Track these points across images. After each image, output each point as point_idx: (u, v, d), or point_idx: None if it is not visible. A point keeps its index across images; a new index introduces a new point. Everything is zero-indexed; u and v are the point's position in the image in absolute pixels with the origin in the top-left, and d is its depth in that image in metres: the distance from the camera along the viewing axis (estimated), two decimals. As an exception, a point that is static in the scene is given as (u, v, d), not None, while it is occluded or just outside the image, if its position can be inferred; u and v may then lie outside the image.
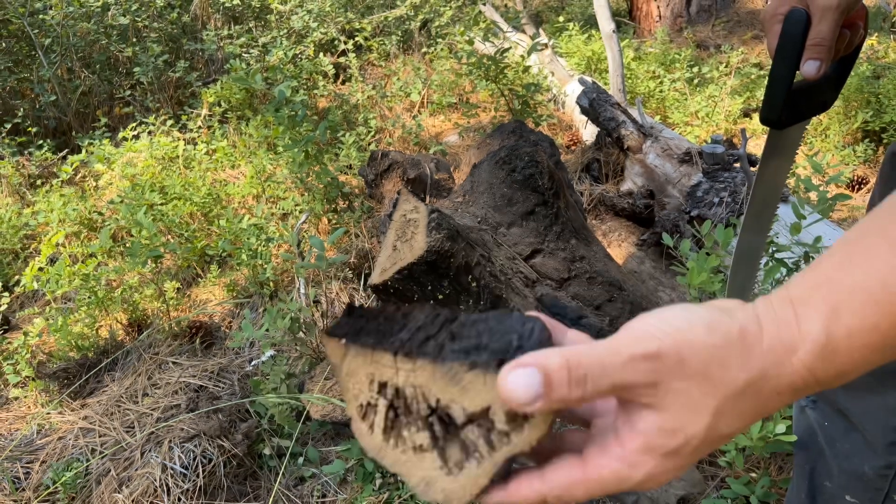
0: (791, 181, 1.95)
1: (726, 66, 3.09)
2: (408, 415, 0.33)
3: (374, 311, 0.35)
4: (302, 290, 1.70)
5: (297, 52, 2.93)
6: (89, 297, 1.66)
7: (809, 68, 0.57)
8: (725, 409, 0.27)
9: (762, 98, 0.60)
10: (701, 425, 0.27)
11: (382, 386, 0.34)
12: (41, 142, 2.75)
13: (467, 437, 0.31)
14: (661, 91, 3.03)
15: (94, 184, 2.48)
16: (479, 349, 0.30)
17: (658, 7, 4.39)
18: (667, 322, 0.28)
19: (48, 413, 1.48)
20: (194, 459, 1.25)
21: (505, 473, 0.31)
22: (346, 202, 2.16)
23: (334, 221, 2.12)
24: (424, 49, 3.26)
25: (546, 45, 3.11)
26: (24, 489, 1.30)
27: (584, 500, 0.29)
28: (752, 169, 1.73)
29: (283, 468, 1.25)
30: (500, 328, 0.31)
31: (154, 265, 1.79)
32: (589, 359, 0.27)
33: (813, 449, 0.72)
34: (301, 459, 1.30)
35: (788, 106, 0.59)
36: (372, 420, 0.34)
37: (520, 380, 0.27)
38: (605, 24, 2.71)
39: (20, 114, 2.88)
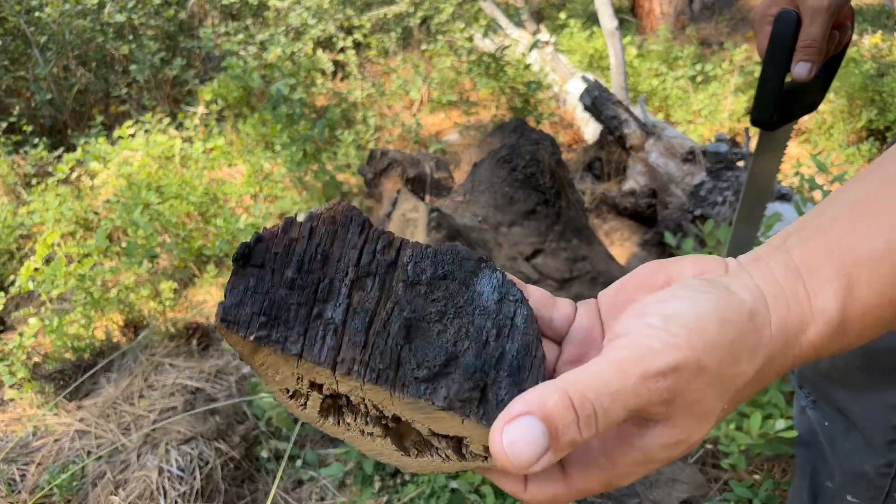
0: (795, 180, 1.93)
1: (730, 64, 3.07)
2: (353, 411, 0.27)
3: (279, 244, 0.25)
4: (300, 291, 1.68)
5: (295, 49, 2.90)
6: (85, 298, 1.64)
7: (801, 70, 0.56)
8: (730, 404, 0.25)
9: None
10: (706, 429, 0.24)
11: (315, 386, 0.26)
12: (36, 140, 2.72)
13: (431, 443, 0.26)
14: (663, 89, 3.00)
15: (90, 183, 2.46)
16: (449, 364, 0.23)
17: (660, 4, 4.37)
18: (675, 322, 0.23)
19: (44, 415, 1.46)
20: (191, 462, 1.24)
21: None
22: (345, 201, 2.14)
23: (333, 221, 2.09)
24: (424, 46, 3.23)
25: (547, 43, 3.08)
26: (19, 491, 1.28)
27: None
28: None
29: (280, 471, 1.24)
30: (466, 298, 0.25)
31: (150, 265, 1.77)
32: (594, 387, 0.22)
33: (814, 449, 0.71)
34: (299, 462, 1.29)
35: (779, 107, 0.59)
36: (303, 402, 0.27)
37: (520, 439, 0.21)
38: (607, 21, 2.69)
39: (15, 112, 2.86)
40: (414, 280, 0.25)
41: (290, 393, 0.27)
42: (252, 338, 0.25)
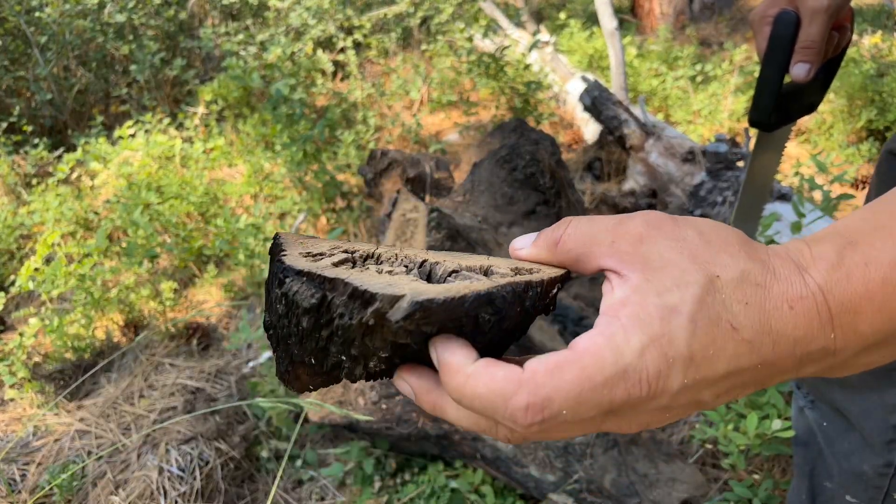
0: (795, 180, 1.93)
1: (729, 64, 3.07)
2: (377, 263, 0.28)
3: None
4: (300, 291, 1.67)
5: (295, 49, 2.90)
6: (85, 298, 1.64)
7: (800, 71, 0.56)
8: (724, 286, 0.23)
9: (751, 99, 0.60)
10: (693, 284, 0.23)
11: (348, 251, 0.29)
12: (37, 140, 2.72)
13: (458, 277, 0.27)
14: (663, 89, 3.00)
15: (90, 183, 2.46)
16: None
17: (660, 4, 4.37)
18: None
19: (44, 415, 1.46)
20: (191, 462, 1.24)
21: (499, 308, 0.24)
22: (345, 201, 2.14)
23: (333, 221, 2.10)
24: (424, 46, 3.23)
25: (547, 43, 3.08)
26: (19, 491, 1.28)
27: (574, 397, 0.22)
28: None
29: (280, 471, 1.24)
30: None
31: (150, 265, 1.78)
32: (580, 218, 0.28)
33: (812, 449, 0.71)
34: (299, 462, 1.29)
35: (777, 108, 0.59)
36: (320, 258, 0.28)
37: (521, 237, 0.30)
38: (607, 21, 2.68)
39: (16, 112, 2.86)
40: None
41: (312, 255, 0.28)
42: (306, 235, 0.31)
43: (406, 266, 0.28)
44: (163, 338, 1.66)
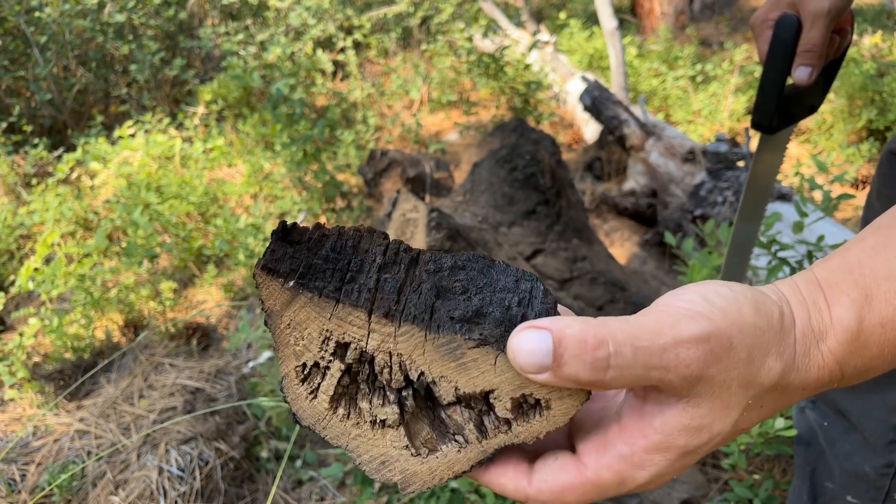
0: (796, 180, 1.93)
1: (730, 64, 3.07)
2: (371, 384, 0.27)
3: (313, 233, 0.27)
4: (300, 291, 1.67)
5: (295, 49, 2.90)
6: (85, 298, 1.64)
7: (801, 74, 0.56)
8: (754, 405, 0.24)
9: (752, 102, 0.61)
10: (729, 422, 0.24)
11: (341, 347, 0.26)
12: (36, 140, 2.72)
13: (451, 419, 0.26)
14: (663, 89, 3.00)
15: (90, 183, 2.46)
16: (479, 316, 0.25)
17: (661, 4, 4.37)
18: (710, 300, 0.23)
19: (44, 415, 1.46)
20: (191, 462, 1.24)
21: (489, 459, 0.26)
22: (345, 201, 2.14)
23: (333, 221, 2.10)
24: (424, 46, 3.23)
25: (547, 43, 3.08)
26: (19, 491, 1.28)
27: None
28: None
29: (280, 471, 1.24)
30: (486, 281, 0.26)
31: (150, 265, 1.77)
32: (621, 336, 0.22)
33: (813, 450, 0.72)
34: (299, 462, 1.29)
35: (779, 111, 0.59)
36: (316, 384, 0.27)
37: (526, 344, 0.22)
38: (607, 21, 2.68)
39: (15, 112, 2.86)
40: (436, 269, 0.27)
41: (306, 372, 0.27)
42: (291, 284, 0.26)
43: (400, 393, 0.27)
44: (162, 338, 1.66)
